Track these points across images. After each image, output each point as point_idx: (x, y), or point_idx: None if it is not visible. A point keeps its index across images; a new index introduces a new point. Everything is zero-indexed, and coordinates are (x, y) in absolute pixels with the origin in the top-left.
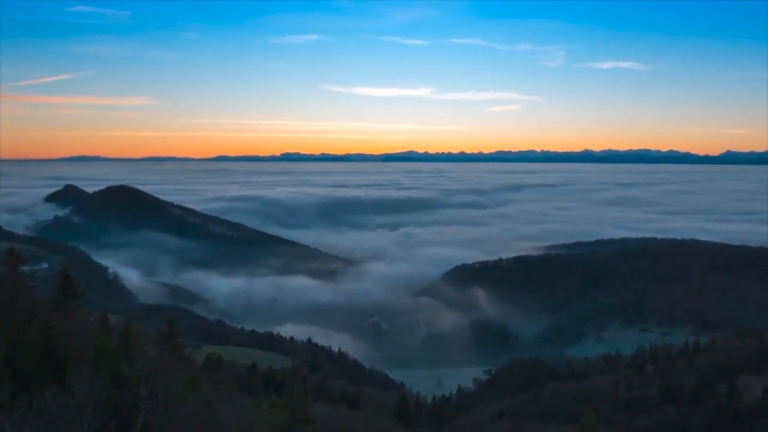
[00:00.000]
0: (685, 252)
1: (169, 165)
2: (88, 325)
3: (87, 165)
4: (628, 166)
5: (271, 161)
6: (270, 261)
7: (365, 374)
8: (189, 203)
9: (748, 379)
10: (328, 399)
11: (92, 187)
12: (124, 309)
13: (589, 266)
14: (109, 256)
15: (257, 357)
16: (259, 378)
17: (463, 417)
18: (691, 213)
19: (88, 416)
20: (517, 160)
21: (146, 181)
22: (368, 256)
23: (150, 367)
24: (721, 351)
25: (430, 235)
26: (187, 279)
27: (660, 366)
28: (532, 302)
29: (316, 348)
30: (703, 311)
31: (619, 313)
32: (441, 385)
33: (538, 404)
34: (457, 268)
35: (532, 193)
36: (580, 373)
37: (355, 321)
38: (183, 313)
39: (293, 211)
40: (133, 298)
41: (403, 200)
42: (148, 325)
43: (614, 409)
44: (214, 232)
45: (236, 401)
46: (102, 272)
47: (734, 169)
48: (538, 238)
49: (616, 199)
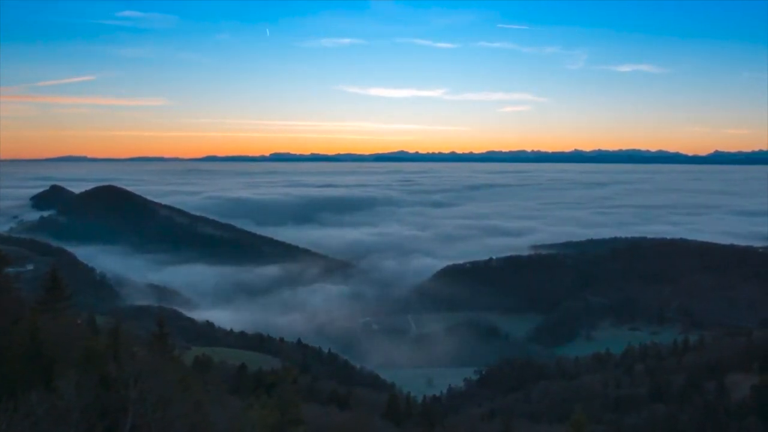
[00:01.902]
0: (675, 251)
1: (157, 165)
2: (75, 327)
3: (73, 165)
4: (615, 166)
5: (260, 161)
6: (259, 261)
7: (356, 375)
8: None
9: (736, 377)
10: (318, 400)
11: (79, 187)
12: (111, 310)
13: (579, 266)
14: (96, 257)
15: (247, 358)
16: (249, 379)
17: (454, 417)
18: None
19: (75, 418)
20: (508, 161)
21: (137, 182)
22: (357, 255)
23: (139, 369)
24: (710, 349)
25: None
26: (176, 280)
27: (650, 365)
28: (522, 302)
29: (306, 349)
30: (692, 310)
31: (608, 313)
32: (432, 385)
33: (528, 404)
34: (448, 267)
35: (484, 194)
36: (571, 372)
37: (346, 321)
38: (172, 314)
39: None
40: (121, 299)
41: (340, 199)
42: (137, 326)
43: (604, 408)
44: (203, 233)
45: (226, 402)
46: (89, 273)
47: (719, 168)
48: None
49: (549, 198)
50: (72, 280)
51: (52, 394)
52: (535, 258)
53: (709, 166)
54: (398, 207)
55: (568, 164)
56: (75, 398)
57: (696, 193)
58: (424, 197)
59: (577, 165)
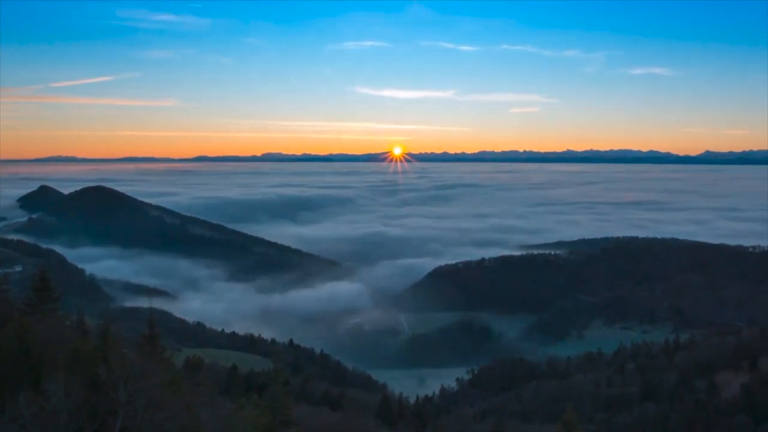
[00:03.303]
0: (665, 251)
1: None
2: (64, 329)
3: (61, 165)
4: (605, 166)
5: (252, 161)
6: (249, 261)
7: (347, 375)
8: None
9: (726, 375)
10: (310, 401)
11: (68, 188)
12: (101, 311)
13: (570, 266)
14: (85, 257)
15: (238, 359)
16: (240, 380)
17: (446, 417)
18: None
19: (64, 421)
20: (499, 160)
21: (134, 182)
22: (350, 256)
23: (128, 371)
24: (700, 348)
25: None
26: (166, 281)
27: (641, 364)
28: (513, 302)
29: (298, 349)
30: (683, 309)
31: (600, 312)
32: (424, 385)
33: (520, 403)
34: (440, 268)
35: (457, 194)
36: (562, 371)
37: (338, 322)
38: (162, 315)
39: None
40: (111, 300)
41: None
42: (127, 327)
43: (595, 407)
44: (193, 233)
45: (217, 404)
46: (78, 274)
47: (708, 168)
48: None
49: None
50: (61, 281)
51: (40, 396)
52: (526, 258)
53: (699, 165)
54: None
55: (560, 164)
56: (63, 401)
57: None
58: (390, 198)
59: (570, 165)
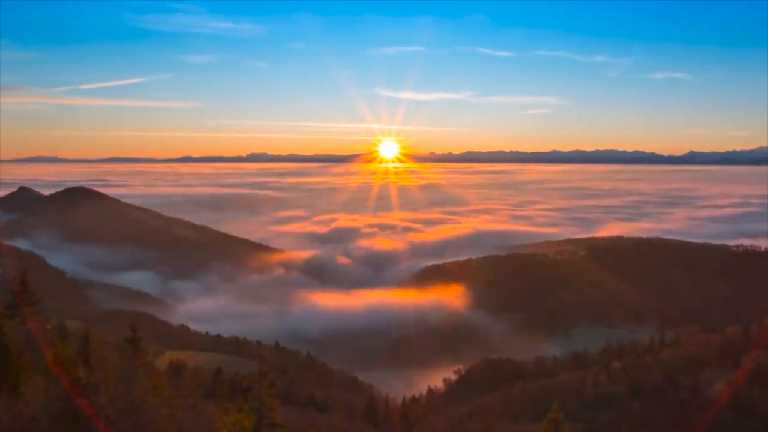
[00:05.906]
0: (650, 250)
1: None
2: (44, 332)
3: (47, 165)
4: (590, 167)
5: (236, 161)
6: (233, 262)
7: (333, 377)
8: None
9: (711, 373)
10: (296, 403)
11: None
12: (82, 314)
13: (556, 265)
14: (66, 260)
15: (223, 362)
16: (225, 383)
17: (434, 417)
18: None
19: (43, 426)
20: (486, 161)
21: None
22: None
23: (110, 375)
24: (685, 346)
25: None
26: (148, 282)
27: (627, 362)
28: (500, 301)
29: (284, 351)
30: (668, 308)
31: (586, 311)
32: (411, 386)
33: (507, 403)
34: (427, 267)
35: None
36: (549, 371)
37: (325, 323)
38: (145, 317)
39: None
40: (92, 303)
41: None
42: (109, 330)
43: (582, 406)
44: (176, 235)
45: (201, 408)
46: (59, 277)
47: (692, 168)
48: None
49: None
50: (41, 284)
51: (20, 400)
52: (513, 257)
53: (683, 165)
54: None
55: (546, 164)
56: (43, 405)
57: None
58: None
59: (555, 165)
